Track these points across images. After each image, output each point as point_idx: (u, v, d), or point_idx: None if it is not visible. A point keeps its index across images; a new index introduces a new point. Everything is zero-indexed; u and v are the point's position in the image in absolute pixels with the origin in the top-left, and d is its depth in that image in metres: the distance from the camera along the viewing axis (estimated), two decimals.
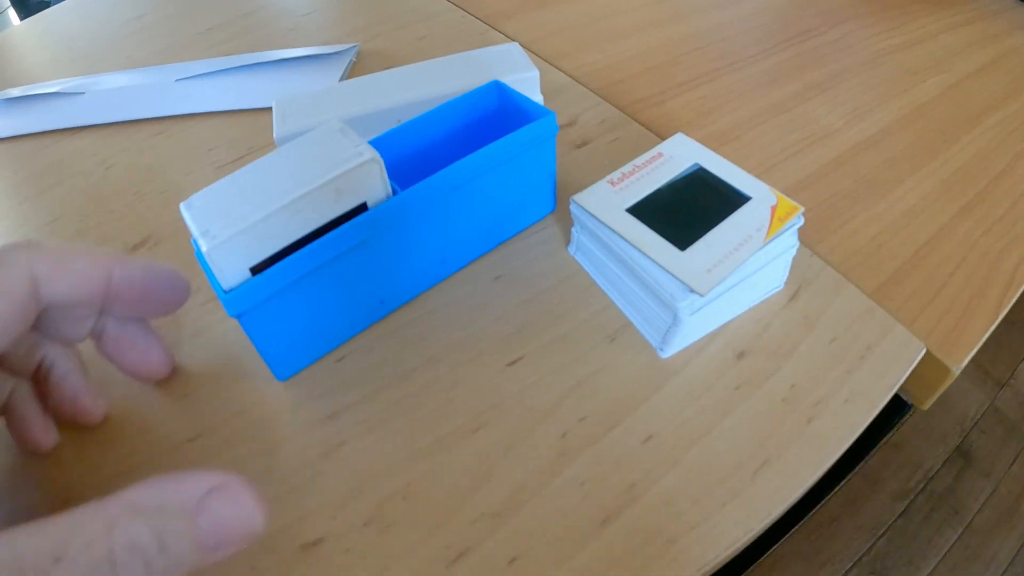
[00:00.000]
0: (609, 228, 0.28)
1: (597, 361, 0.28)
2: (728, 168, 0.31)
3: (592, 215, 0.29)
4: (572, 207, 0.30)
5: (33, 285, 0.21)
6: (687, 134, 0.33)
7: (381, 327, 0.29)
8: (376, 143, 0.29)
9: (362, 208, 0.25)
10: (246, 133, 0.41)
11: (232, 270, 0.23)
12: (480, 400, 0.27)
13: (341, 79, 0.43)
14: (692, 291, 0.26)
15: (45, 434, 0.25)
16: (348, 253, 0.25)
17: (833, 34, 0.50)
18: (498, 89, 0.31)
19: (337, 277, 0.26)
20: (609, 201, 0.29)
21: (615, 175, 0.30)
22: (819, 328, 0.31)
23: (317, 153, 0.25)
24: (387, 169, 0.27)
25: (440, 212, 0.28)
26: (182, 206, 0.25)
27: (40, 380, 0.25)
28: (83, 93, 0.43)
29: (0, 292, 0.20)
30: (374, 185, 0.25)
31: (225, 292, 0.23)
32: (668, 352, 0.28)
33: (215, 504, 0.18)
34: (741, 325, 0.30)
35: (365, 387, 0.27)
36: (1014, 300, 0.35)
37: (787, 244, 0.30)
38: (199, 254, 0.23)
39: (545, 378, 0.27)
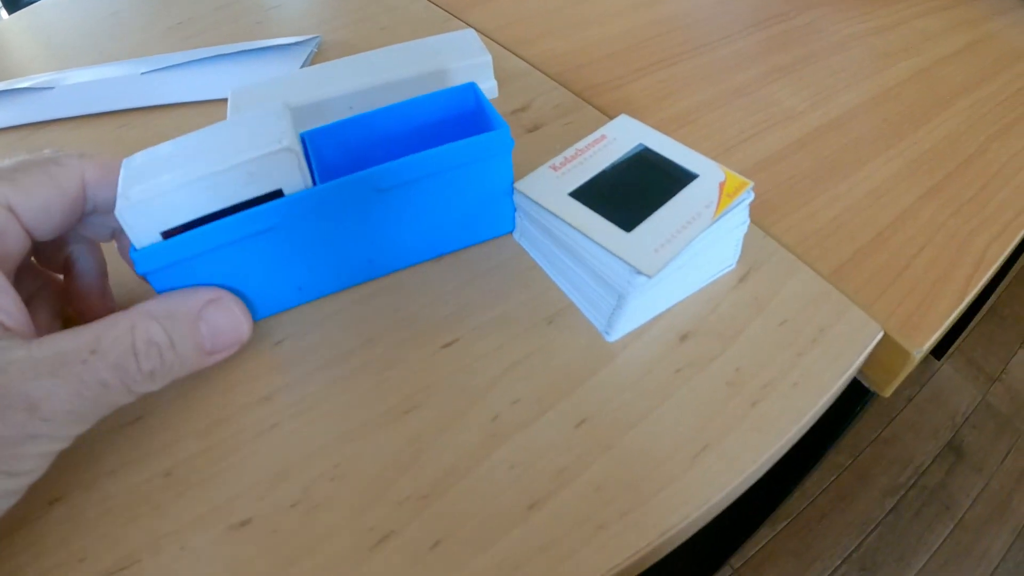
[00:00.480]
0: (551, 213, 0.27)
1: (533, 343, 0.27)
2: (674, 147, 0.30)
3: (534, 201, 0.28)
4: (516, 195, 0.30)
5: (83, 187, 0.24)
6: (642, 118, 0.33)
7: (319, 309, 0.29)
8: (331, 130, 0.28)
9: (279, 194, 0.25)
10: (206, 123, 0.41)
11: (144, 232, 0.24)
12: (413, 382, 0.26)
13: (302, 66, 0.43)
14: (639, 273, 0.25)
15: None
16: (259, 235, 0.25)
17: (803, 19, 0.49)
18: (473, 93, 0.29)
19: (248, 256, 0.25)
20: (551, 186, 0.28)
21: (557, 160, 0.30)
22: (769, 310, 0.30)
23: (245, 133, 0.25)
24: (344, 157, 0.27)
25: (365, 212, 0.26)
26: (123, 161, 0.25)
27: (63, 274, 0.27)
28: (52, 88, 0.43)
29: (55, 186, 0.23)
30: (289, 174, 0.24)
31: (134, 250, 0.24)
32: (615, 335, 0.28)
33: (212, 313, 0.24)
34: (687, 307, 0.29)
35: (300, 369, 0.27)
36: (983, 282, 0.34)
37: (737, 221, 0.29)
38: None
39: (479, 360, 0.27)
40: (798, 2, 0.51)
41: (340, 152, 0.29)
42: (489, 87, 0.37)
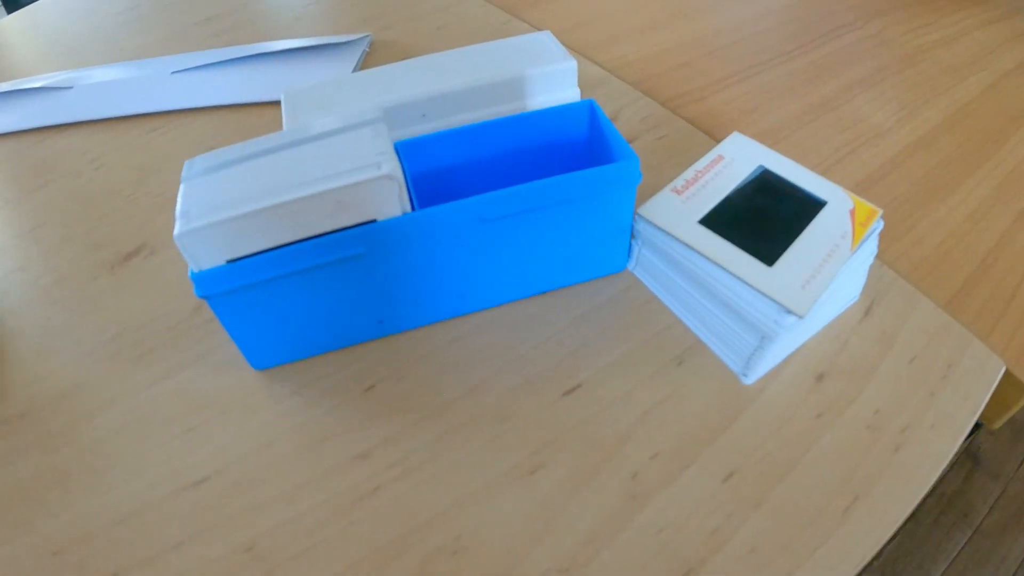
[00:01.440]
0: (683, 244, 0.24)
1: (665, 387, 0.24)
2: (795, 169, 0.28)
3: (662, 230, 0.25)
4: (637, 222, 0.26)
5: None
6: (726, 135, 0.30)
7: (409, 347, 0.25)
8: (423, 144, 0.24)
9: (369, 222, 0.21)
10: (251, 129, 0.37)
11: (205, 257, 0.20)
12: (535, 435, 0.22)
13: (354, 71, 0.38)
14: (789, 312, 0.22)
15: None
16: (341, 263, 0.21)
17: (868, 29, 0.47)
18: (590, 112, 0.25)
19: (326, 284, 0.22)
20: (678, 212, 0.25)
21: (679, 182, 0.26)
22: (897, 346, 0.27)
23: (333, 150, 0.21)
24: (433, 174, 0.23)
25: (465, 243, 0.23)
26: (185, 164, 0.21)
27: None
28: (71, 87, 0.38)
29: None
30: (386, 203, 0.20)
31: (193, 272, 0.20)
32: (752, 378, 0.25)
33: None
34: (818, 344, 0.27)
35: (399, 421, 0.23)
36: None
37: (868, 251, 0.27)
38: None
39: (608, 409, 0.23)
40: (860, 11, 0.49)
41: (431, 169, 0.25)
42: (572, 95, 0.34)
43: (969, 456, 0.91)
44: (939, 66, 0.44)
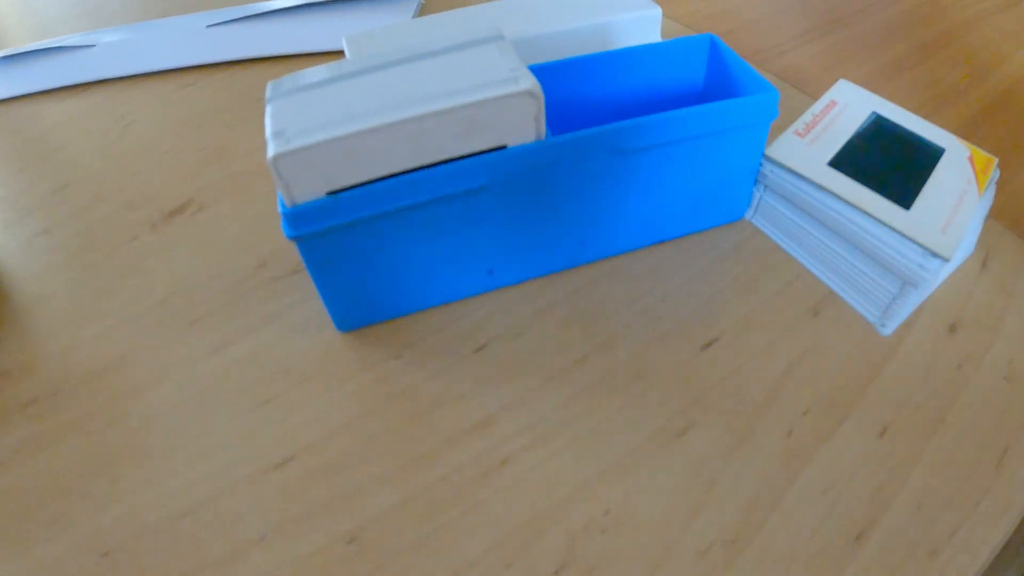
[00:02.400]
0: (816, 186, 0.21)
1: (804, 339, 0.20)
2: (908, 117, 0.24)
3: (793, 171, 0.21)
4: (764, 164, 0.22)
5: None
6: (821, 89, 0.27)
7: (524, 301, 0.20)
8: (549, 70, 0.20)
9: (499, 148, 0.17)
10: None
11: (302, 188, 0.15)
12: (678, 394, 0.18)
13: (413, 18, 0.35)
14: (935, 255, 0.20)
15: None
16: (459, 198, 0.17)
17: None
18: (712, 46, 0.22)
19: (436, 225, 0.17)
20: (805, 154, 0.22)
21: (799, 125, 0.23)
22: (1018, 297, 0.25)
23: (455, 65, 0.16)
24: (558, 106, 0.19)
25: (598, 178, 0.19)
26: (269, 85, 0.16)
27: None
28: (93, 46, 0.33)
29: None
30: (523, 126, 0.16)
31: (286, 207, 0.15)
32: (891, 328, 0.21)
33: None
34: (943, 295, 0.24)
35: (522, 382, 0.18)
36: None
37: (988, 200, 0.24)
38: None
39: (749, 363, 0.19)
40: None
41: (554, 100, 0.21)
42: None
43: None
44: (999, 32, 0.43)
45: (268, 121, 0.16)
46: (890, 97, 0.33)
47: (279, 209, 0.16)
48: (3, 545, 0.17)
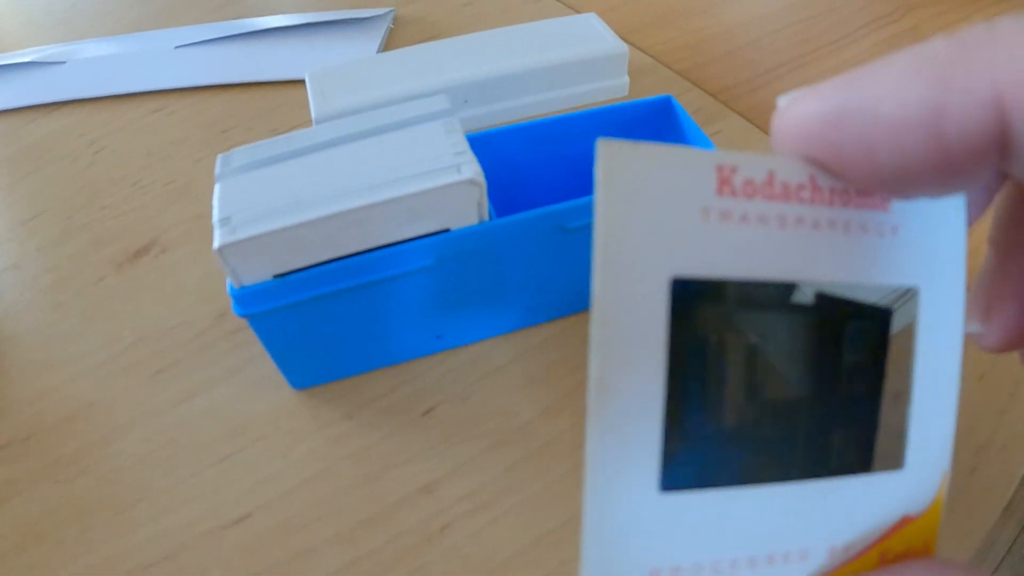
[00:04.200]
0: None
1: None
2: None
3: None
4: None
5: None
6: None
7: (473, 367, 0.20)
8: (486, 139, 0.19)
9: (442, 232, 0.16)
10: (270, 110, 0.30)
11: (249, 272, 0.15)
12: None
13: (379, 50, 0.33)
14: None
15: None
16: (403, 277, 0.17)
17: (906, 22, 0.43)
18: (667, 109, 0.21)
19: (384, 299, 0.17)
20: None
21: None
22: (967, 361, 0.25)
23: (402, 148, 0.16)
24: (493, 172, 0.18)
25: (542, 253, 0.18)
26: (219, 159, 0.16)
27: None
28: (63, 63, 0.31)
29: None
30: (466, 210, 0.16)
31: (234, 289, 0.16)
32: None
33: None
34: None
35: (466, 448, 0.19)
36: None
37: None
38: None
39: None
40: (899, 4, 0.45)
41: (491, 166, 0.21)
42: (622, 83, 0.29)
43: None
44: None
45: (215, 204, 0.15)
46: None
47: (227, 290, 0.16)
48: None
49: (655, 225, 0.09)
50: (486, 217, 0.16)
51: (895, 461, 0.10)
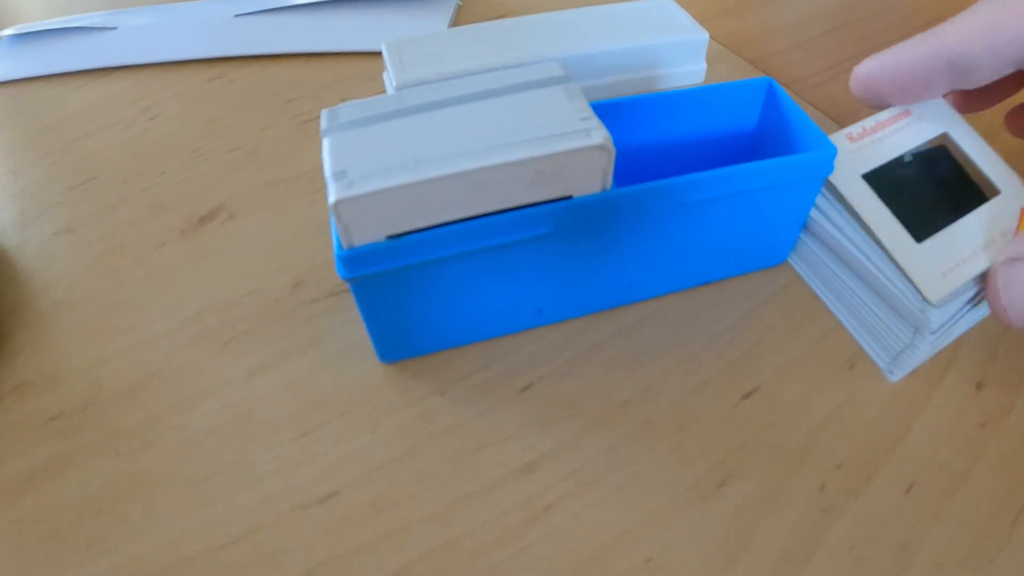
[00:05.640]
0: (838, 197, 0.20)
1: (840, 392, 0.20)
2: (981, 148, 0.23)
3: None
4: None
5: None
6: (856, 121, 0.26)
7: (567, 341, 0.20)
8: (598, 111, 0.18)
9: (564, 198, 0.16)
10: (337, 81, 0.29)
11: (362, 232, 0.14)
12: (719, 444, 0.18)
13: (448, 26, 0.32)
14: (922, 297, 0.19)
15: None
16: (519, 244, 0.16)
17: None
18: (768, 91, 0.21)
19: (493, 268, 0.17)
20: (844, 160, 0.20)
21: (855, 129, 0.21)
22: None
23: (526, 110, 0.15)
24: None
25: (657, 228, 0.18)
26: (324, 113, 0.15)
27: None
28: (115, 28, 0.30)
29: None
30: (591, 177, 0.15)
31: (343, 250, 0.15)
32: (897, 375, 0.21)
33: None
34: (971, 350, 0.24)
35: (568, 426, 0.18)
36: None
37: None
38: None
39: (787, 414, 0.19)
40: (953, 2, 0.46)
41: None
42: (698, 70, 0.29)
43: None
44: None
45: (327, 158, 0.14)
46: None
47: (334, 251, 0.15)
48: (36, 566, 0.16)
49: None
50: (609, 186, 0.16)
51: (995, 191, 0.21)
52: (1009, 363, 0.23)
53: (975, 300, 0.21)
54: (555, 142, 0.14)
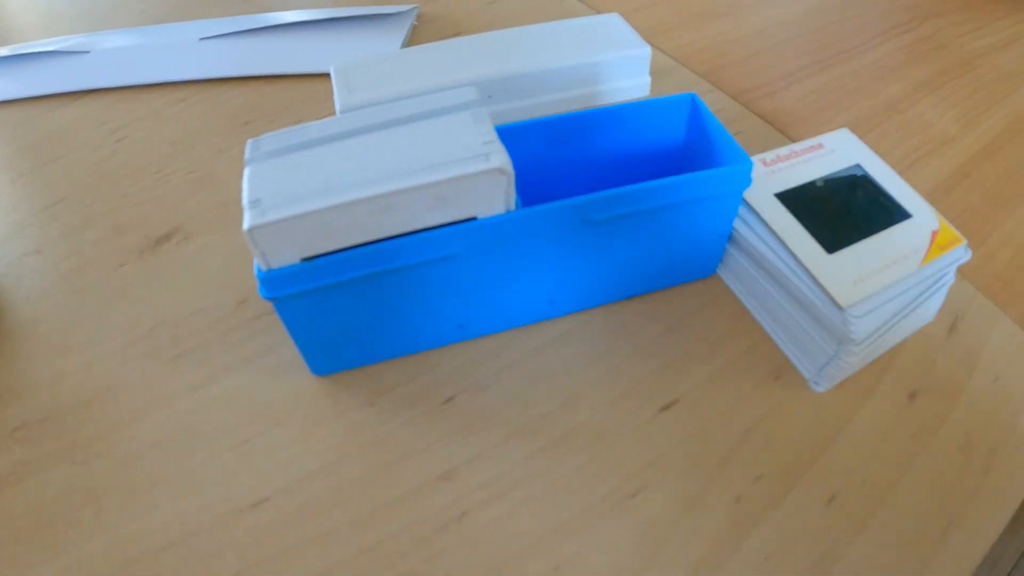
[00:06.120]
0: (754, 212, 0.22)
1: (764, 404, 0.21)
2: (891, 178, 0.25)
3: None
4: None
5: None
6: (804, 132, 0.28)
7: (493, 358, 0.21)
8: (516, 131, 0.20)
9: (469, 220, 0.17)
10: (292, 102, 0.32)
11: (277, 255, 0.16)
12: (635, 454, 0.19)
13: (402, 46, 0.35)
14: (831, 301, 0.20)
15: None
16: (429, 264, 0.18)
17: (924, 30, 0.44)
18: (692, 106, 0.22)
19: (408, 286, 0.18)
20: (759, 182, 0.23)
21: (769, 155, 0.24)
22: (982, 365, 0.26)
23: (431, 137, 0.17)
24: (521, 165, 0.19)
25: (565, 245, 0.19)
26: (249, 143, 0.17)
27: None
28: (87, 52, 0.33)
29: None
30: (493, 199, 0.17)
31: (262, 272, 0.16)
32: (823, 386, 0.23)
33: None
34: (907, 362, 0.25)
35: (484, 437, 0.19)
36: None
37: (942, 276, 0.25)
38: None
39: (707, 426, 0.20)
40: (916, 11, 0.46)
41: (519, 159, 0.22)
42: (643, 83, 0.31)
43: None
44: (995, 72, 0.42)
45: (245, 187, 0.16)
46: (874, 145, 0.33)
47: (255, 272, 0.16)
48: None
49: None
50: (513, 207, 0.17)
51: (907, 215, 0.23)
52: (948, 372, 0.24)
53: (903, 314, 0.22)
54: (456, 166, 0.16)
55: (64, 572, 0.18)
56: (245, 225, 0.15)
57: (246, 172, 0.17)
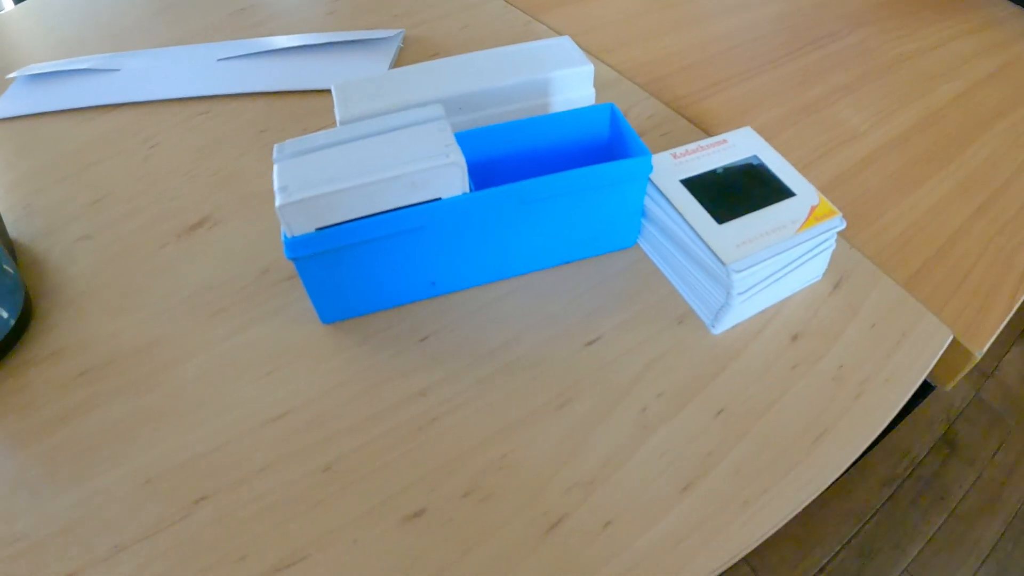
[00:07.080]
0: (661, 193, 0.31)
1: (668, 341, 0.30)
2: (783, 166, 0.34)
3: (651, 182, 0.32)
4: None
5: None
6: (726, 131, 0.36)
7: (457, 306, 0.31)
8: (475, 135, 0.30)
9: (435, 200, 0.27)
10: (299, 114, 0.42)
11: (298, 225, 0.25)
12: (563, 378, 0.29)
13: (391, 65, 0.44)
14: (718, 260, 0.29)
15: None
16: (406, 233, 0.27)
17: (853, 38, 0.53)
18: (611, 114, 0.32)
19: (392, 251, 0.27)
20: (668, 171, 0.32)
21: (679, 149, 0.33)
22: (860, 314, 0.34)
23: (407, 141, 0.27)
24: (476, 162, 0.28)
25: (505, 221, 0.29)
26: (276, 147, 0.27)
27: None
28: (117, 70, 0.42)
29: None
30: (452, 185, 0.26)
31: (287, 238, 0.25)
32: (719, 328, 0.31)
33: None
34: (793, 311, 0.33)
35: (449, 365, 0.29)
36: None
37: (822, 240, 0.33)
38: None
39: (622, 357, 0.29)
40: (847, 21, 0.55)
41: (474, 157, 0.31)
42: (588, 95, 0.40)
43: (946, 442, 0.99)
44: (916, 73, 0.51)
45: (276, 177, 0.25)
46: (788, 140, 0.41)
47: (282, 238, 0.25)
48: (67, 477, 0.27)
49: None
50: (467, 190, 0.26)
51: (791, 194, 0.32)
52: (829, 320, 0.32)
53: (785, 272, 0.30)
54: (424, 161, 0.25)
55: (125, 476, 0.26)
56: (277, 203, 0.24)
57: (276, 167, 0.25)
